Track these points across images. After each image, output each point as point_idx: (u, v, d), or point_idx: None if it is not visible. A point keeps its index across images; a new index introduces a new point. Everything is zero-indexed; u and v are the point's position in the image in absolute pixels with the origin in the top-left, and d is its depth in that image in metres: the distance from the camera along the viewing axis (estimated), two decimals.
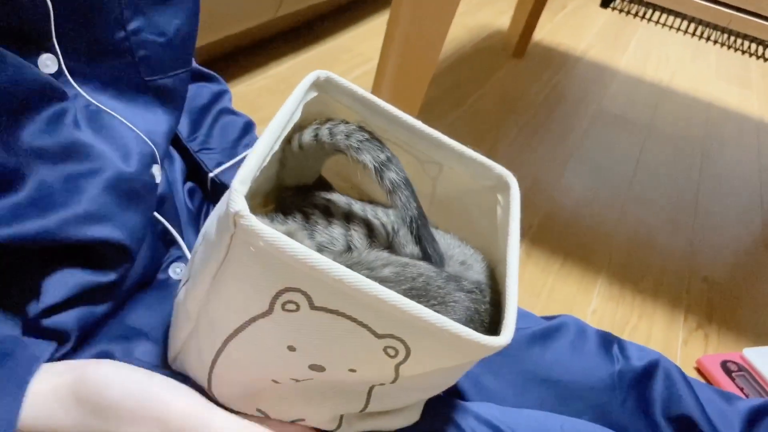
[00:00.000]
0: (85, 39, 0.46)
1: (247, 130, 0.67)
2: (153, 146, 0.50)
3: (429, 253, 0.43)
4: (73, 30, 0.45)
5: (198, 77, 0.67)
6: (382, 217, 0.47)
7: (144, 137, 0.50)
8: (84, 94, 0.47)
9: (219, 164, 0.62)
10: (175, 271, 0.55)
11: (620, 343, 0.63)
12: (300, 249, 0.32)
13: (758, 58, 2.48)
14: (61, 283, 0.43)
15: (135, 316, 0.49)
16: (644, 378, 0.60)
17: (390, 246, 0.45)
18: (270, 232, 0.32)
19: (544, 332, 0.61)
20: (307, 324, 0.35)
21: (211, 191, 0.62)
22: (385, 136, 0.47)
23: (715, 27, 2.72)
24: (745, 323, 1.16)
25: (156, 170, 0.50)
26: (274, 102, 1.44)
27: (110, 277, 0.46)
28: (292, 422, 0.42)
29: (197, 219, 0.62)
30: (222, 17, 1.31)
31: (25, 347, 0.40)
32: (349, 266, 0.34)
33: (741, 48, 2.50)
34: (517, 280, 0.40)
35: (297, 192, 0.49)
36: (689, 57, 2.52)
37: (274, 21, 1.62)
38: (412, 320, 0.33)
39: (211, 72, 0.69)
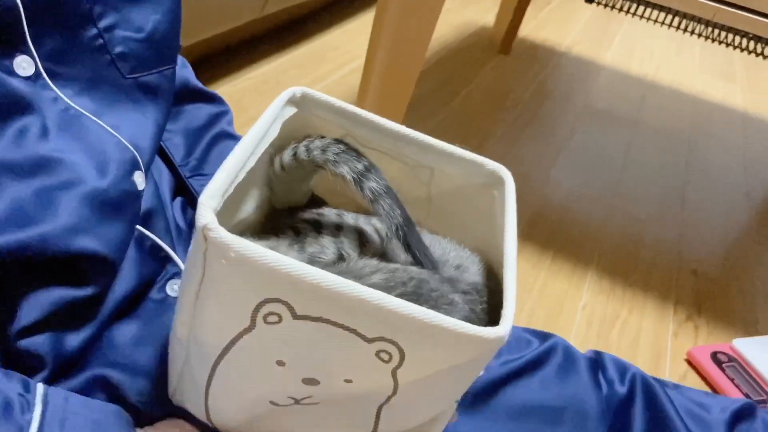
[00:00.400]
0: (58, 38, 0.45)
1: None
2: (135, 152, 0.49)
3: (419, 258, 0.42)
4: (46, 30, 0.44)
5: (197, 97, 0.65)
6: (376, 224, 0.46)
7: (125, 142, 0.48)
8: (64, 97, 0.46)
9: None
10: (173, 288, 0.53)
11: (602, 364, 0.64)
12: (273, 256, 0.31)
13: (742, 50, 2.50)
14: (37, 302, 0.42)
15: (130, 338, 0.47)
16: (628, 402, 0.61)
17: (384, 253, 0.44)
18: (240, 242, 0.31)
19: (535, 360, 0.61)
20: (293, 335, 0.34)
21: None
22: (370, 146, 0.46)
23: (699, 20, 2.74)
24: (734, 314, 1.17)
25: (138, 177, 0.48)
26: (260, 102, 1.43)
27: (87, 291, 0.44)
28: None
29: (190, 237, 0.60)
30: (206, 17, 1.30)
31: None
32: (337, 275, 0.32)
33: (725, 41, 2.52)
34: (515, 271, 0.39)
35: (289, 213, 0.48)
36: (674, 51, 2.54)
37: (260, 20, 1.61)
38: (400, 319, 0.32)
39: (212, 91, 0.67)
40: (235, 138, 0.65)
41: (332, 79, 1.62)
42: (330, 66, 1.69)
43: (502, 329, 0.33)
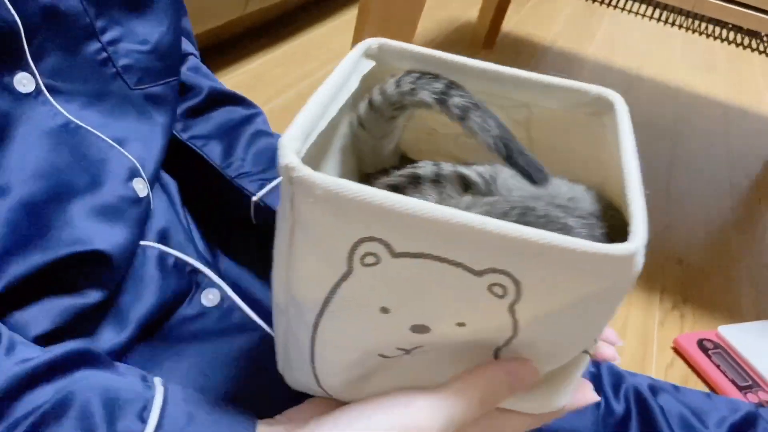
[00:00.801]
0: (60, 54, 0.46)
1: None
2: (135, 161, 0.49)
3: (527, 170, 0.37)
4: (47, 47, 0.45)
5: (226, 101, 0.63)
6: (478, 168, 0.42)
7: (124, 152, 0.49)
8: (64, 112, 0.46)
9: (261, 186, 0.58)
10: (208, 297, 0.53)
11: (600, 380, 0.62)
12: (361, 189, 0.28)
13: (722, 41, 2.52)
14: (42, 313, 0.41)
15: (147, 360, 0.46)
16: (624, 422, 0.60)
17: (491, 192, 0.40)
18: (326, 178, 0.29)
19: None
20: (394, 276, 0.30)
21: (256, 218, 0.58)
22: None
23: (680, 11, 2.76)
24: (719, 302, 1.19)
25: (138, 183, 0.48)
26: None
27: (93, 297, 0.44)
28: None
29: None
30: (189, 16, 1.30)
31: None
32: None
33: (706, 32, 2.54)
34: (641, 189, 0.34)
35: (383, 173, 0.44)
36: (656, 43, 2.56)
37: (243, 18, 1.60)
38: (509, 242, 0.28)
39: (240, 94, 0.65)
40: (272, 135, 0.63)
41: (316, 76, 1.62)
42: (314, 63, 1.69)
43: (633, 245, 0.29)
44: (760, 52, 2.23)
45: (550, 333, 0.33)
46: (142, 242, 0.50)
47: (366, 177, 0.46)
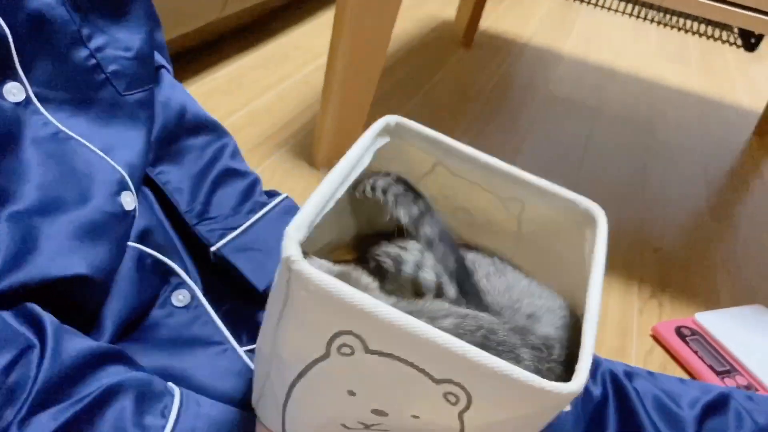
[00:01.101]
0: (49, 62, 0.46)
1: (249, 193, 0.64)
2: (124, 172, 0.50)
3: (471, 304, 0.42)
4: (36, 55, 0.45)
5: (196, 129, 0.63)
6: (453, 266, 0.46)
7: (113, 164, 0.49)
8: (54, 121, 0.46)
9: (222, 235, 0.60)
10: (178, 298, 0.54)
11: None
12: (348, 292, 0.32)
13: (694, 34, 2.56)
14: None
15: (135, 354, 0.48)
16: (602, 405, 0.62)
17: (465, 294, 0.44)
18: (319, 276, 0.32)
19: None
20: (364, 368, 0.34)
21: (214, 261, 0.59)
22: (460, 175, 0.47)
23: (651, 6, 2.80)
24: (696, 289, 1.21)
25: (127, 197, 0.49)
26: (226, 103, 1.43)
27: (79, 315, 0.45)
28: None
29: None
30: (166, 18, 1.30)
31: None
32: (410, 313, 0.33)
33: (678, 26, 2.58)
34: (596, 325, 0.37)
35: (375, 239, 0.49)
36: (630, 38, 2.60)
37: (221, 20, 1.61)
38: (467, 364, 0.32)
39: (210, 119, 0.65)
40: (239, 173, 0.64)
41: (296, 78, 1.63)
42: (293, 65, 1.70)
43: (575, 385, 0.33)
44: (731, 44, 2.27)
45: None
46: None
47: (363, 238, 0.49)
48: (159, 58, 0.63)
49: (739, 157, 1.80)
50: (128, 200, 0.49)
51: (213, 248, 0.58)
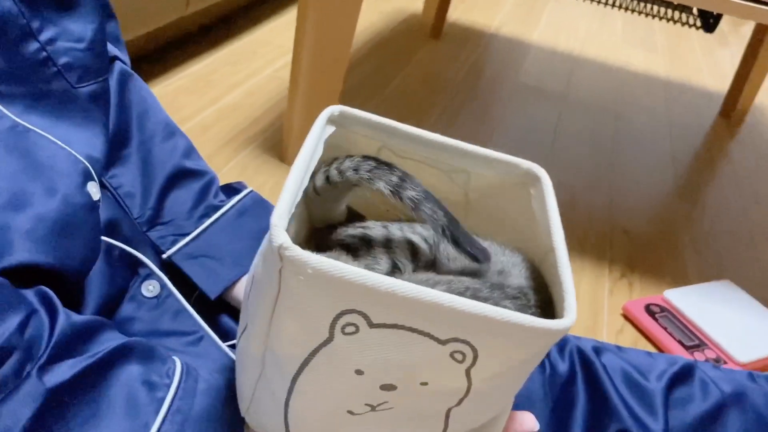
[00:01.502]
0: (1, 57, 0.46)
1: (204, 195, 0.63)
2: (87, 163, 0.49)
3: (471, 253, 0.43)
4: None
5: (153, 131, 0.62)
6: (423, 232, 0.47)
7: (76, 155, 0.49)
8: (10, 114, 0.46)
9: (174, 242, 0.59)
10: (148, 288, 0.54)
11: None
12: (348, 269, 0.32)
13: (660, 19, 2.60)
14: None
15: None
16: (569, 381, 0.62)
17: (435, 259, 0.46)
18: (316, 258, 0.32)
19: None
20: (370, 343, 0.35)
21: (168, 271, 0.59)
22: (406, 155, 0.48)
23: None
24: (665, 268, 1.24)
25: (92, 187, 0.49)
26: (193, 102, 1.43)
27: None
28: None
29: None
30: (129, 17, 1.29)
31: None
32: None
33: (644, 11, 2.61)
34: (569, 264, 0.40)
35: (330, 229, 0.49)
36: (597, 25, 2.63)
37: (186, 18, 1.60)
38: (472, 318, 0.33)
39: (166, 119, 0.64)
40: (194, 173, 0.63)
41: (265, 74, 1.63)
42: (261, 61, 1.69)
43: (569, 321, 0.35)
44: (697, 28, 2.31)
45: (493, 390, 0.39)
46: None
47: (316, 231, 0.50)
48: (113, 49, 0.63)
49: (706, 139, 1.83)
50: (94, 191, 0.49)
51: (164, 255, 0.58)
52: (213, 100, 1.45)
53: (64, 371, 0.38)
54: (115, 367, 0.41)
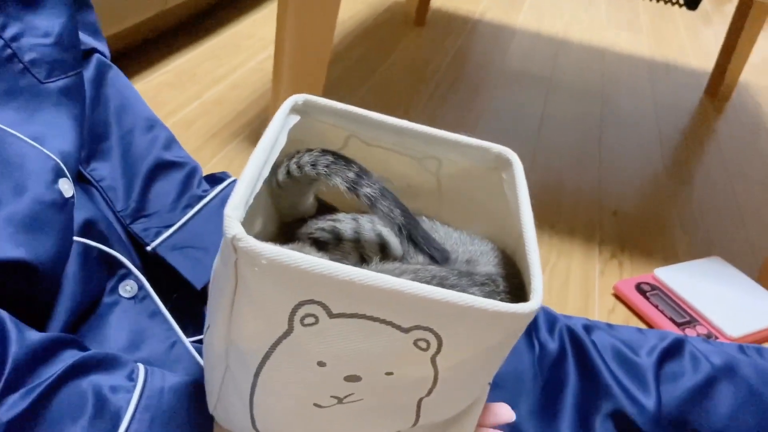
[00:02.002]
0: None
1: (187, 186, 0.62)
2: (58, 159, 0.49)
3: (429, 252, 0.42)
4: None
5: (133, 124, 0.62)
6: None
7: (46, 152, 0.48)
8: None
9: (158, 233, 0.59)
10: (125, 289, 0.54)
11: (535, 322, 0.65)
12: (304, 258, 0.31)
13: None
14: None
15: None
16: (560, 359, 0.62)
17: (404, 252, 0.45)
18: (270, 248, 0.32)
19: None
20: (330, 334, 0.34)
21: (153, 264, 0.58)
22: (375, 143, 0.47)
23: None
24: (654, 247, 1.24)
25: (64, 184, 0.48)
26: (177, 96, 1.41)
27: (33, 306, 0.44)
28: None
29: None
30: (108, 13, 1.28)
31: None
32: None
33: None
34: (537, 247, 0.39)
35: (300, 223, 0.48)
36: (581, 8, 2.62)
37: (169, 13, 1.58)
38: (434, 305, 0.32)
39: (146, 112, 0.64)
40: (175, 164, 0.63)
41: (249, 66, 1.61)
42: (245, 54, 1.68)
43: (534, 304, 0.34)
44: (680, 5, 2.31)
45: (462, 378, 0.38)
46: None
47: (286, 226, 0.49)
48: (90, 40, 0.62)
49: (692, 117, 1.83)
50: (66, 187, 0.49)
51: (148, 247, 0.58)
52: (197, 94, 1.44)
53: (21, 400, 0.38)
54: (75, 381, 0.40)
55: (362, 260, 0.45)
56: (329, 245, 0.45)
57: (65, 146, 0.50)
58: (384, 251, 0.45)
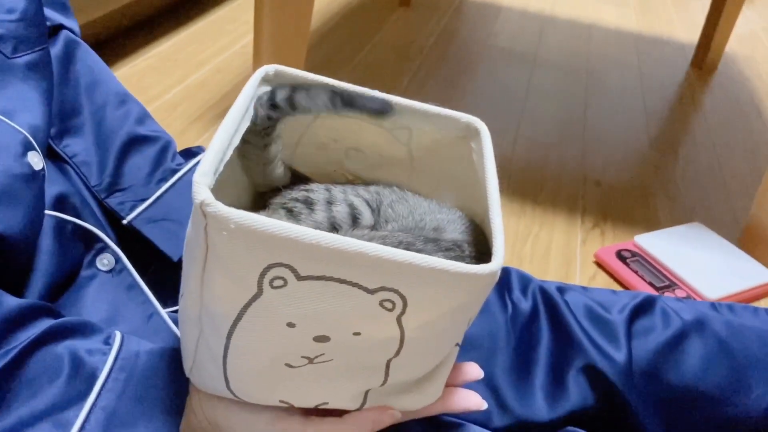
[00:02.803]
0: None
1: (161, 160, 0.63)
2: (26, 133, 0.49)
3: (367, 106, 0.45)
4: None
5: (104, 100, 0.62)
6: (365, 195, 0.48)
7: (13, 125, 0.49)
8: None
9: (133, 207, 0.60)
10: (102, 262, 0.55)
11: (508, 283, 0.66)
12: (270, 222, 0.32)
13: None
14: None
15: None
16: (532, 318, 0.63)
17: (375, 223, 0.46)
18: (238, 213, 0.33)
19: None
20: (299, 296, 0.35)
21: (129, 238, 0.59)
22: (346, 114, 0.47)
23: None
24: (637, 216, 1.25)
25: (34, 157, 0.49)
26: (160, 81, 1.42)
27: (4, 278, 0.45)
28: (316, 407, 0.43)
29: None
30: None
31: None
32: None
33: None
34: (500, 212, 0.41)
35: (275, 192, 0.49)
36: None
37: None
38: (398, 266, 0.33)
39: (117, 87, 0.64)
40: (148, 139, 0.63)
41: (233, 50, 1.62)
42: (228, 38, 1.68)
43: (495, 264, 0.35)
44: None
45: (429, 338, 0.39)
46: None
47: (260, 196, 0.50)
48: (57, 17, 0.62)
49: (678, 90, 1.84)
50: (36, 160, 0.49)
51: (124, 221, 0.59)
52: (180, 79, 1.44)
53: None
54: (51, 344, 0.41)
55: (334, 229, 0.46)
56: (302, 214, 0.46)
57: (34, 120, 0.51)
58: (356, 221, 0.46)
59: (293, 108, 0.44)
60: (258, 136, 0.46)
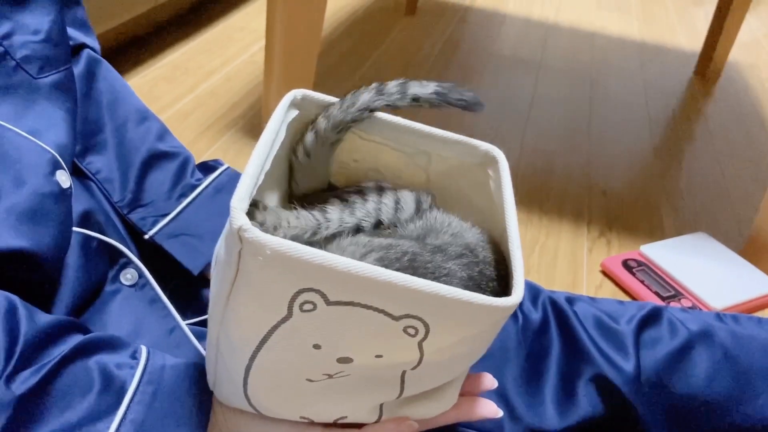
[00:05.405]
0: None
1: (181, 175, 0.64)
2: (55, 152, 0.51)
3: (462, 99, 0.49)
4: None
5: (126, 117, 0.64)
6: (388, 203, 0.48)
7: (42, 145, 0.50)
8: None
9: (155, 222, 0.61)
10: (126, 277, 0.56)
11: None
12: (307, 250, 0.34)
13: None
14: None
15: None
16: (542, 329, 0.65)
17: (396, 222, 0.47)
18: (274, 240, 0.34)
19: None
20: (327, 320, 0.36)
21: (150, 253, 0.61)
22: (369, 138, 0.50)
23: None
24: (642, 225, 1.27)
25: (62, 176, 0.50)
26: (171, 90, 1.44)
27: (35, 296, 0.46)
28: (335, 422, 0.44)
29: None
30: (99, 10, 1.30)
31: None
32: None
33: None
34: (519, 242, 0.42)
35: (304, 198, 0.50)
36: None
37: (160, 9, 1.60)
38: (425, 297, 0.35)
39: (138, 104, 0.66)
40: (168, 155, 0.65)
41: (241, 59, 1.64)
42: (237, 47, 1.70)
43: (516, 298, 0.37)
44: None
45: (446, 359, 0.40)
46: None
47: (298, 199, 0.52)
48: (79, 36, 0.64)
49: (681, 98, 1.85)
50: (63, 179, 0.51)
51: (146, 236, 0.61)
52: (191, 88, 1.46)
53: (32, 376, 0.40)
54: (82, 359, 0.43)
55: (379, 222, 0.47)
56: (357, 203, 0.48)
57: (60, 139, 0.53)
58: (378, 224, 0.47)
59: (414, 100, 0.48)
60: (332, 132, 0.47)
